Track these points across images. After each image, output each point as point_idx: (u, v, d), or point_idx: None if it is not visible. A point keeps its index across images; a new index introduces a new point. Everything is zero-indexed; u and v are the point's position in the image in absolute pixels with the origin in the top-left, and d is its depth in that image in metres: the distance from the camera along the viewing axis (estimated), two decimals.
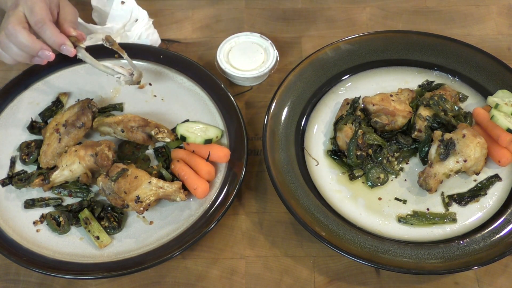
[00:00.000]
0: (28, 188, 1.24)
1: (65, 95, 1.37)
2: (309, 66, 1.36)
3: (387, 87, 1.37)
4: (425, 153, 1.26)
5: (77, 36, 1.23)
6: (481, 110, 1.28)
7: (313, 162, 1.28)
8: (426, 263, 1.12)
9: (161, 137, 1.25)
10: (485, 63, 1.35)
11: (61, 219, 1.19)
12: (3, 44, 1.20)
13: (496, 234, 1.15)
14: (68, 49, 1.21)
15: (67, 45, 1.21)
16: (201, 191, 1.20)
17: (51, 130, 1.26)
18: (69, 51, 1.21)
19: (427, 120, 1.26)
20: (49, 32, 1.19)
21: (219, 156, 1.24)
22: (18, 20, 1.18)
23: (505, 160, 1.22)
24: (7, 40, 1.19)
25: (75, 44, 1.23)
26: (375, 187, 1.24)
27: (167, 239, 1.17)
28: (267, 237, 1.21)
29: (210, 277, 1.16)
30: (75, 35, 1.23)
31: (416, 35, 1.40)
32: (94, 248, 1.17)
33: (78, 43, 1.23)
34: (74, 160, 1.20)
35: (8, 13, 1.21)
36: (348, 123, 1.26)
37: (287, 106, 1.31)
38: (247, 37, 1.43)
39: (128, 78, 1.27)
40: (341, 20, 1.54)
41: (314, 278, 1.16)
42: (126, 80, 1.27)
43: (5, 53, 1.21)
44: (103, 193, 1.19)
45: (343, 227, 1.16)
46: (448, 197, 1.22)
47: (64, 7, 1.27)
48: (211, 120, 1.32)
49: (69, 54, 1.21)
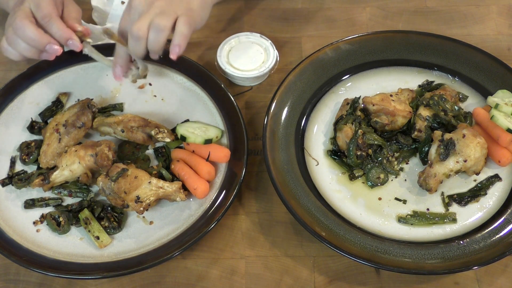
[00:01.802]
0: (28, 188, 1.24)
1: (65, 95, 1.37)
2: (309, 66, 1.36)
3: (387, 87, 1.37)
4: (425, 153, 1.26)
5: (83, 31, 1.23)
6: (481, 110, 1.28)
7: (313, 162, 1.28)
8: (426, 263, 1.12)
9: (161, 137, 1.25)
10: (485, 63, 1.35)
11: (61, 219, 1.19)
12: (11, 39, 1.19)
13: (496, 234, 1.15)
14: (75, 44, 1.21)
15: (74, 39, 1.20)
16: (201, 191, 1.20)
17: (51, 130, 1.26)
18: (75, 45, 1.21)
19: (427, 120, 1.26)
20: (56, 27, 1.19)
21: (219, 156, 1.24)
22: (25, 14, 1.18)
23: (505, 160, 1.22)
24: (14, 35, 1.18)
25: (81, 39, 1.23)
26: (375, 187, 1.24)
27: (167, 239, 1.17)
28: (267, 237, 1.21)
29: (210, 277, 1.17)
30: (81, 30, 1.23)
31: (416, 35, 1.40)
32: (94, 248, 1.17)
33: (84, 38, 1.23)
34: (74, 160, 1.20)
35: (14, 10, 1.21)
36: (348, 123, 1.26)
37: (287, 106, 1.31)
38: (247, 37, 1.43)
39: (135, 71, 1.27)
40: (341, 20, 1.54)
41: (314, 278, 1.16)
42: (133, 74, 1.27)
43: (12, 48, 1.21)
44: (103, 193, 1.19)
45: (343, 227, 1.16)
46: (448, 197, 1.22)
47: (68, 4, 1.27)
48: (211, 120, 1.32)
49: (75, 48, 1.21)
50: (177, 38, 1.17)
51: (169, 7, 1.17)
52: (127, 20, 1.19)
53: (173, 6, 1.17)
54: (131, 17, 1.18)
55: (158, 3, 1.17)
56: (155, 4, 1.17)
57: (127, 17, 1.19)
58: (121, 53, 1.22)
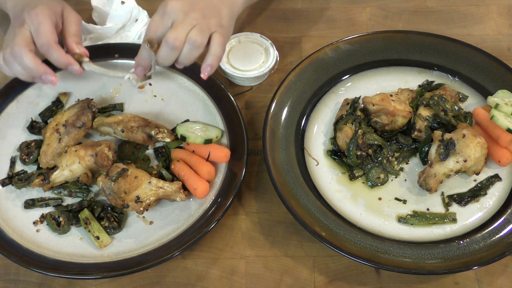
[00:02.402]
0: (28, 188, 1.24)
1: (65, 95, 1.37)
2: (309, 66, 1.36)
3: (387, 87, 1.37)
4: (425, 153, 1.26)
5: (81, 53, 1.23)
6: (481, 110, 1.28)
7: (313, 162, 1.28)
8: (426, 263, 1.12)
9: (161, 137, 1.25)
10: (485, 63, 1.35)
11: (61, 219, 1.19)
12: (7, 61, 1.20)
13: (496, 234, 1.15)
14: (74, 69, 1.22)
15: (72, 64, 1.21)
16: (201, 191, 1.20)
17: (51, 130, 1.26)
18: (75, 69, 1.22)
19: (427, 120, 1.26)
20: (55, 55, 1.20)
21: (219, 156, 1.24)
22: (24, 41, 1.18)
23: (505, 160, 1.22)
24: (12, 58, 1.19)
25: (79, 61, 1.23)
26: (375, 187, 1.24)
27: (167, 239, 1.17)
28: (267, 237, 1.21)
29: (210, 277, 1.17)
30: (79, 52, 1.23)
31: (416, 35, 1.40)
32: (94, 248, 1.17)
33: (82, 58, 1.23)
34: (74, 160, 1.20)
35: (14, 28, 1.21)
36: (348, 123, 1.26)
37: (287, 106, 1.31)
38: (247, 37, 1.43)
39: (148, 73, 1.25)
40: (341, 20, 1.54)
41: (314, 278, 1.16)
42: (136, 78, 1.25)
43: (7, 67, 1.21)
44: (103, 193, 1.19)
45: (343, 227, 1.16)
46: (448, 197, 1.22)
47: (68, 16, 1.27)
48: (211, 120, 1.32)
49: (76, 72, 1.22)
50: (211, 58, 1.17)
51: (204, 20, 1.16)
52: (159, 25, 1.16)
53: (207, 20, 1.16)
54: (165, 23, 1.15)
55: (194, 14, 1.15)
56: (191, 16, 1.15)
57: (160, 22, 1.16)
58: (145, 56, 1.19)
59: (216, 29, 1.18)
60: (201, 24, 1.15)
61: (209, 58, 1.17)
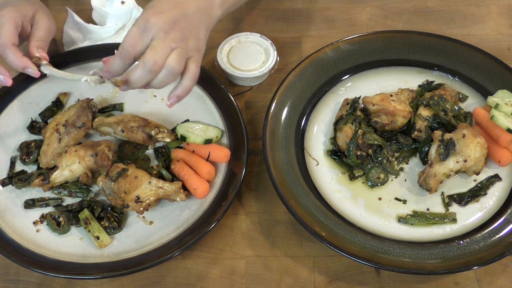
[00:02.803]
0: (28, 188, 1.24)
1: (65, 95, 1.37)
2: (309, 66, 1.36)
3: (387, 87, 1.37)
4: (425, 153, 1.26)
5: (40, 57, 1.23)
6: (481, 110, 1.28)
7: (313, 162, 1.28)
8: (426, 263, 1.12)
9: (161, 137, 1.25)
10: (485, 63, 1.35)
11: (61, 219, 1.19)
12: None
13: (496, 234, 1.15)
14: (32, 72, 1.21)
15: (29, 67, 1.21)
16: (201, 191, 1.20)
17: (51, 130, 1.26)
18: (32, 73, 1.22)
19: (427, 120, 1.26)
20: (11, 56, 1.20)
21: (219, 156, 1.24)
22: None
23: (505, 160, 1.22)
24: None
25: (38, 64, 1.22)
26: (375, 187, 1.24)
27: (167, 239, 1.17)
28: (267, 237, 1.21)
29: (210, 277, 1.17)
30: (38, 56, 1.23)
31: (416, 35, 1.40)
32: (94, 248, 1.17)
33: (41, 62, 1.22)
34: (74, 160, 1.20)
35: None
36: (348, 123, 1.26)
37: (287, 106, 1.31)
38: (247, 37, 1.43)
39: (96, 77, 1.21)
40: (341, 20, 1.54)
41: (314, 278, 1.16)
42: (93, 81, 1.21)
43: None
44: (103, 193, 1.19)
45: (343, 227, 1.16)
46: (448, 197, 1.22)
47: (39, 20, 1.26)
48: (211, 120, 1.32)
49: (33, 75, 1.22)
50: (180, 90, 1.13)
51: (183, 42, 1.11)
52: (138, 40, 1.11)
53: (185, 42, 1.12)
54: (144, 40, 1.10)
55: (174, 35, 1.10)
56: (171, 36, 1.10)
57: (139, 38, 1.11)
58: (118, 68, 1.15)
59: (192, 54, 1.13)
60: (180, 48, 1.11)
61: (178, 89, 1.13)
